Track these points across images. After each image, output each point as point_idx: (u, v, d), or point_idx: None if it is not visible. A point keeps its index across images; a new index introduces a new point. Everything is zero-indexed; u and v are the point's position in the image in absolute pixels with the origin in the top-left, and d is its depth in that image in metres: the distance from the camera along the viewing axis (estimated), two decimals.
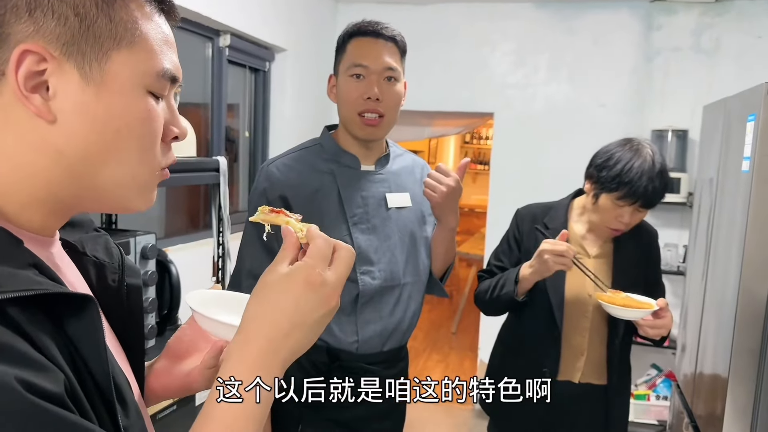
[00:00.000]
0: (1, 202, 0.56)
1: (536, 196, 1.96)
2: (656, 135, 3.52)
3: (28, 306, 0.49)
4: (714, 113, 2.12)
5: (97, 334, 0.54)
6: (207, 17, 2.59)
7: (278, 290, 0.62)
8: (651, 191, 1.58)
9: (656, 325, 1.60)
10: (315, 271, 0.62)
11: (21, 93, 0.53)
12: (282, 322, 0.61)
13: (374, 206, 1.48)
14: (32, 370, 0.46)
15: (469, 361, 4.85)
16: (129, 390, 0.61)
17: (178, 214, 2.98)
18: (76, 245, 0.69)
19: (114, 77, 0.56)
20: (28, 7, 0.52)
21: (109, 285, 0.71)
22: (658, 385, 3.47)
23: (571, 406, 1.74)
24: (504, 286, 1.71)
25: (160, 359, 0.84)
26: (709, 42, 3.50)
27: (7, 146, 0.55)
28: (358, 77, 1.43)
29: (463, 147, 9.65)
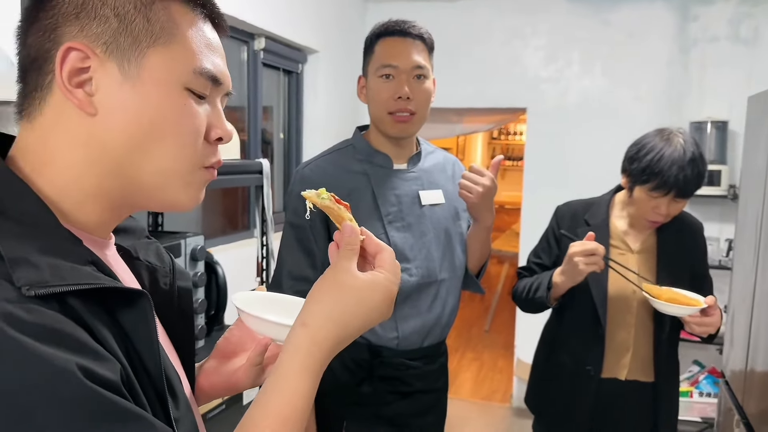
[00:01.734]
0: (59, 200, 0.59)
1: (571, 191, 1.94)
2: (695, 127, 3.45)
3: (88, 299, 0.53)
4: (760, 104, 2.07)
5: (150, 328, 0.57)
6: (242, 21, 2.63)
7: (359, 296, 0.65)
8: (683, 180, 1.54)
9: (704, 323, 1.56)
10: (395, 288, 0.66)
11: (65, 87, 0.57)
12: (351, 326, 0.65)
13: (408, 204, 1.50)
14: (92, 358, 0.49)
15: (503, 360, 4.82)
16: (180, 384, 0.64)
17: (216, 215, 3.02)
18: (129, 250, 0.73)
19: (150, 73, 0.59)
20: (75, 12, 0.57)
21: (161, 288, 0.75)
22: (701, 381, 3.40)
23: (617, 403, 1.72)
24: (537, 290, 1.70)
25: (209, 359, 0.87)
26: (748, 31, 3.42)
27: (59, 143, 0.59)
28: (387, 77, 1.45)
29: (491, 143, 9.59)
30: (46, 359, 0.46)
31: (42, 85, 0.59)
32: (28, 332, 0.47)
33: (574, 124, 3.75)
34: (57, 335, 0.48)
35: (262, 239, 1.96)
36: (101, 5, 0.58)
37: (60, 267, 0.52)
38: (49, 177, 0.59)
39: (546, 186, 3.70)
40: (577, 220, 1.79)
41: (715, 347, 3.27)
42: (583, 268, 1.54)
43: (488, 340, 5.41)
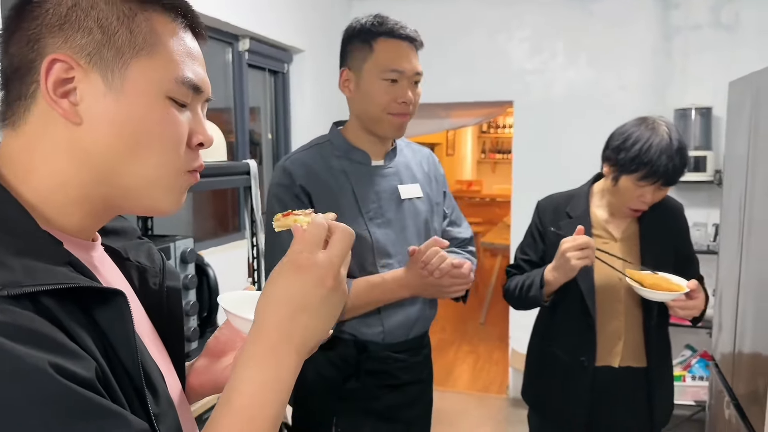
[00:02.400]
0: (42, 206, 0.61)
1: (560, 182, 1.96)
2: (679, 114, 3.48)
3: (63, 299, 0.54)
4: (741, 89, 2.10)
5: (126, 325, 0.58)
6: (226, 23, 2.63)
7: (274, 280, 0.65)
8: (671, 169, 1.57)
9: (687, 306, 1.59)
10: (302, 255, 0.64)
11: (50, 97, 0.58)
12: (282, 309, 0.63)
13: (387, 200, 1.51)
14: (65, 356, 0.50)
15: (499, 352, 4.85)
16: (161, 381, 0.65)
17: (206, 218, 3.03)
18: (119, 251, 0.75)
19: (133, 83, 0.61)
20: (59, 23, 0.59)
21: (151, 288, 0.77)
22: (693, 365, 3.44)
23: (612, 390, 1.74)
24: (530, 289, 1.72)
25: (199, 358, 0.88)
26: (729, 17, 3.45)
27: (45, 151, 0.60)
28: (393, 81, 1.44)
29: (481, 137, 9.62)
30: (20, 357, 0.47)
31: (26, 94, 0.60)
32: (1, 332, 0.48)
33: (560, 116, 3.77)
34: (30, 334, 0.49)
35: (252, 240, 1.98)
36: (85, 17, 0.59)
37: (34, 268, 0.53)
38: (32, 184, 0.60)
39: (535, 178, 3.72)
40: (559, 213, 1.81)
41: (705, 331, 3.31)
42: (576, 263, 1.56)
43: (483, 333, 5.44)
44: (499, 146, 9.40)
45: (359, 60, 1.48)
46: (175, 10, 0.65)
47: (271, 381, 0.62)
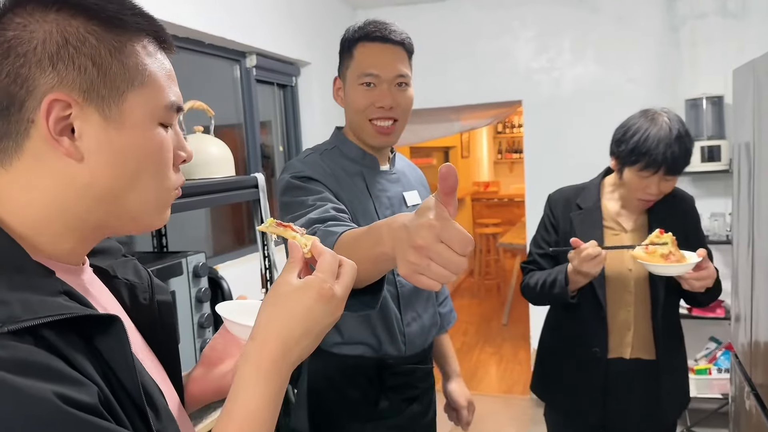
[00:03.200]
0: (34, 235, 0.61)
1: (572, 178, 1.96)
2: (690, 104, 3.45)
3: (61, 329, 0.55)
4: (744, 76, 2.09)
5: (124, 349, 0.59)
6: (232, 41, 2.69)
7: (293, 300, 0.67)
8: (670, 157, 1.58)
9: (701, 277, 1.57)
10: (326, 285, 0.67)
11: (52, 137, 0.59)
12: (295, 329, 0.67)
13: (398, 206, 1.48)
14: (68, 385, 0.52)
15: (523, 352, 4.83)
16: (161, 397, 0.66)
17: (224, 233, 3.09)
18: (107, 270, 0.76)
19: (130, 114, 0.62)
20: (50, 61, 0.58)
21: (141, 303, 0.78)
22: (719, 358, 3.40)
23: (624, 382, 1.75)
24: (554, 286, 1.72)
25: (196, 367, 0.90)
26: (736, 5, 3.42)
27: (40, 184, 0.61)
28: (368, 85, 1.40)
29: (497, 137, 9.60)
30: (24, 390, 0.48)
31: (15, 132, 0.59)
32: (3, 367, 0.49)
33: (570, 112, 3.77)
34: (32, 367, 0.50)
35: (263, 251, 2.02)
36: (77, 54, 0.59)
37: (30, 301, 0.54)
38: (24, 217, 0.61)
39: (547, 175, 3.72)
40: (570, 205, 1.83)
41: (728, 323, 3.27)
42: (595, 270, 1.58)
43: (507, 334, 5.42)
44: (515, 146, 9.37)
45: (344, 68, 1.46)
46: (151, 33, 0.66)
47: (270, 395, 0.66)
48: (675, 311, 1.79)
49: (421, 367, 1.53)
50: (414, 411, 1.53)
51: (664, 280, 1.70)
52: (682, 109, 3.44)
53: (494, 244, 6.85)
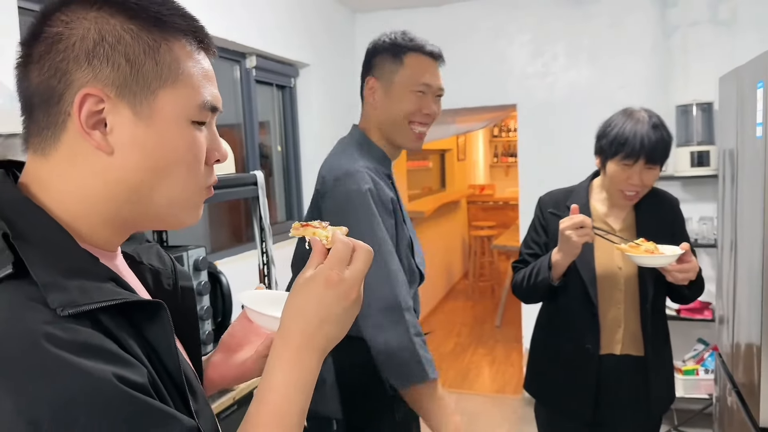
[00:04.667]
0: (75, 224, 0.64)
1: (566, 182, 2.01)
2: (681, 110, 3.52)
3: (113, 313, 0.59)
4: (729, 84, 2.16)
5: (168, 334, 0.63)
6: (232, 42, 2.75)
7: (305, 291, 0.71)
8: (647, 143, 1.66)
9: (684, 269, 1.63)
10: (332, 272, 0.70)
11: (83, 130, 0.61)
12: (311, 319, 0.70)
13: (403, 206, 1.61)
14: (123, 366, 0.55)
15: (515, 353, 4.89)
16: (197, 380, 0.71)
17: (222, 230, 3.14)
18: (133, 255, 0.80)
19: (161, 112, 0.64)
20: (87, 57, 0.61)
21: (165, 289, 0.81)
22: (706, 359, 3.46)
23: (614, 377, 1.80)
24: (539, 274, 1.78)
25: (216, 353, 0.94)
26: (726, 13, 3.49)
27: (78, 177, 0.63)
28: (422, 93, 1.53)
29: (492, 141, 9.68)
30: (86, 371, 0.52)
31: (54, 124, 0.62)
32: (66, 348, 0.52)
33: (563, 117, 3.84)
34: (92, 349, 0.54)
35: (261, 247, 2.08)
36: (112, 51, 0.61)
37: (86, 287, 0.58)
38: (67, 206, 0.64)
39: (541, 178, 3.77)
40: (560, 207, 1.88)
41: (714, 324, 3.33)
42: (576, 239, 1.63)
43: (500, 335, 5.48)
44: (511, 150, 9.44)
45: (389, 72, 1.54)
46: (191, 34, 0.68)
47: (296, 381, 0.69)
48: (662, 309, 1.85)
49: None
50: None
51: (653, 278, 1.76)
52: (672, 114, 3.51)
53: (489, 247, 6.91)
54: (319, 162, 1.64)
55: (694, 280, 1.67)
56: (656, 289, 1.77)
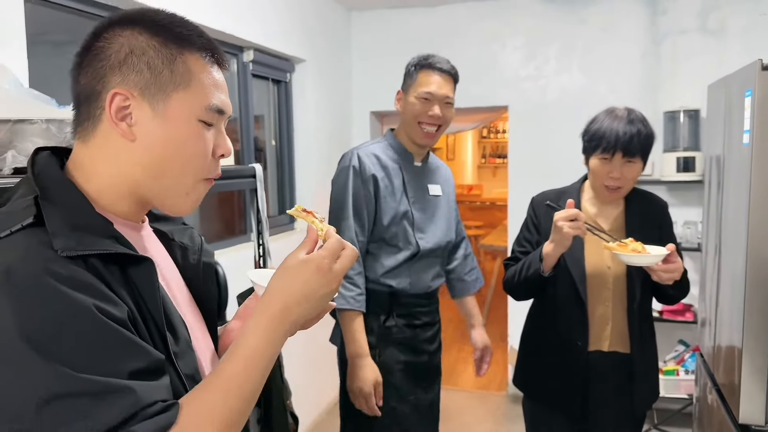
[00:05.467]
0: (101, 198, 0.80)
1: (554, 184, 2.06)
2: (668, 116, 3.60)
3: (106, 261, 0.73)
4: (717, 92, 2.22)
5: (152, 282, 0.77)
6: (231, 35, 2.76)
7: (296, 270, 0.82)
8: (623, 137, 1.73)
9: (669, 269, 1.68)
10: (325, 261, 0.82)
11: (113, 121, 0.78)
12: (295, 294, 0.81)
13: (422, 192, 2.03)
14: (104, 301, 0.69)
15: (499, 351, 4.93)
16: (183, 328, 0.83)
17: (213, 222, 3.15)
18: (167, 233, 0.95)
19: (174, 111, 0.79)
20: (119, 66, 0.77)
21: (191, 263, 0.96)
22: (687, 360, 3.54)
23: (602, 374, 1.86)
24: (530, 266, 1.83)
25: (233, 321, 1.07)
26: (715, 23, 3.57)
27: (106, 160, 0.80)
28: (426, 100, 1.93)
29: (481, 142, 9.75)
30: (72, 299, 0.67)
31: (93, 116, 0.79)
32: (60, 281, 0.67)
33: (554, 120, 3.89)
34: (80, 283, 0.68)
35: (258, 239, 2.10)
36: (138, 61, 0.77)
37: (86, 239, 0.72)
38: (95, 184, 0.80)
39: (530, 180, 3.82)
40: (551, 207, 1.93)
41: (696, 326, 3.41)
42: (568, 231, 1.68)
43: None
44: (499, 151, 9.52)
45: (407, 85, 1.99)
46: (205, 50, 0.82)
47: (265, 346, 0.79)
48: (649, 308, 1.91)
49: (420, 302, 2.04)
50: (417, 335, 2.03)
51: (641, 279, 1.81)
52: (660, 120, 3.58)
53: (476, 246, 6.98)
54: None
55: (678, 280, 1.73)
56: (643, 288, 1.83)
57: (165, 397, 0.71)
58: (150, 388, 0.69)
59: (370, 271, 1.97)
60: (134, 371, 0.69)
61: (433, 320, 2.11)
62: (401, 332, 2.00)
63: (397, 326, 2.00)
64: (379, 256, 1.97)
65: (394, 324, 1.99)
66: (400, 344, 2.00)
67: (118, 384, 0.66)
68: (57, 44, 2.20)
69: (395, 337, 1.99)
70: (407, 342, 2.02)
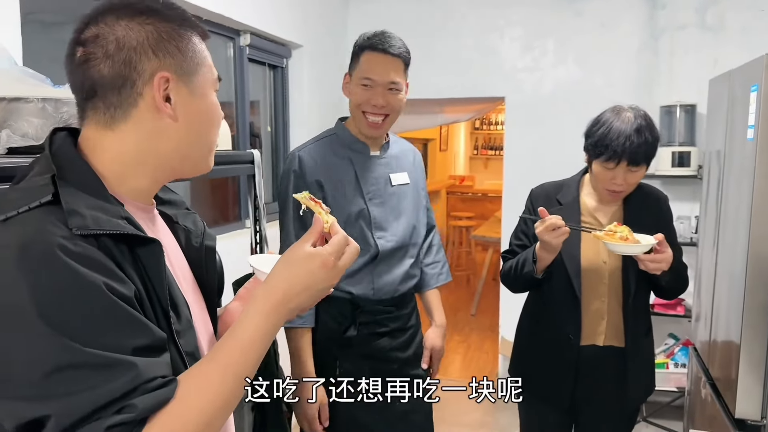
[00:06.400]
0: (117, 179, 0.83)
1: (550, 176, 2.04)
2: (665, 111, 3.60)
3: (117, 241, 0.76)
4: (719, 86, 2.21)
5: (159, 262, 0.80)
6: (228, 18, 2.71)
7: (302, 262, 0.85)
8: (629, 147, 1.68)
9: (656, 260, 1.66)
10: (331, 258, 0.85)
11: (161, 104, 0.81)
12: (296, 285, 0.84)
13: (383, 185, 1.82)
14: (113, 279, 0.72)
15: (489, 341, 4.96)
16: (185, 308, 0.86)
17: (205, 208, 3.11)
18: (172, 217, 0.98)
19: (200, 87, 0.86)
20: (154, 51, 0.81)
21: (193, 245, 0.99)
22: (676, 353, 3.57)
23: (596, 368, 1.85)
24: (524, 266, 1.81)
25: (233, 302, 1.09)
26: (714, 19, 3.57)
27: (136, 140, 0.83)
28: (366, 86, 1.73)
29: (473, 133, 9.73)
30: (82, 275, 0.70)
31: (127, 104, 0.81)
32: (73, 257, 0.70)
33: (550, 112, 3.88)
34: (91, 261, 0.71)
35: (255, 226, 2.07)
36: (169, 45, 0.82)
37: (99, 218, 0.75)
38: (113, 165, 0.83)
39: (525, 172, 3.82)
40: (550, 200, 1.92)
41: (687, 320, 3.44)
42: (555, 241, 1.66)
43: (474, 323, 5.55)
44: (491, 143, 9.51)
45: (352, 69, 1.78)
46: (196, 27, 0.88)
47: (266, 329, 0.82)
48: (645, 303, 1.90)
49: (386, 309, 1.85)
50: (383, 345, 1.85)
51: (636, 273, 1.80)
52: (656, 115, 3.58)
53: (467, 237, 6.98)
54: None
55: (673, 272, 1.71)
56: (639, 283, 1.82)
57: (165, 373, 0.75)
58: (151, 364, 0.73)
59: None
60: (138, 347, 0.72)
61: (404, 325, 1.91)
62: (364, 342, 1.83)
63: (359, 336, 1.82)
64: None
65: (355, 334, 1.82)
66: (363, 355, 1.83)
67: (121, 359, 0.70)
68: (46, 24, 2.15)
69: (357, 349, 1.82)
70: (373, 353, 1.84)
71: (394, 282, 1.85)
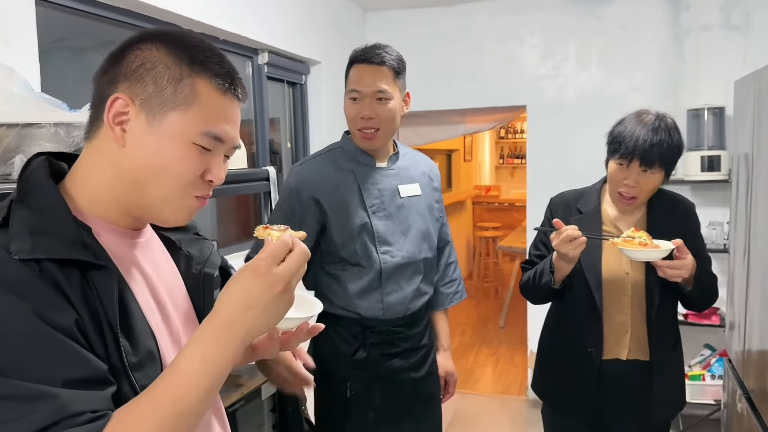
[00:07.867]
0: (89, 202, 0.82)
1: (574, 184, 2.00)
2: (692, 114, 3.51)
3: (64, 266, 0.72)
4: (745, 88, 2.14)
5: (110, 287, 0.76)
6: (246, 37, 2.75)
7: (236, 281, 0.77)
8: (642, 144, 1.63)
9: (674, 266, 1.60)
10: (261, 264, 0.76)
11: (109, 124, 0.80)
12: (236, 304, 0.75)
13: (389, 197, 1.76)
14: (48, 307, 0.69)
15: (519, 354, 4.88)
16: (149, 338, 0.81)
17: (230, 225, 3.14)
18: (174, 241, 0.96)
19: (168, 128, 0.80)
20: (129, 74, 0.80)
21: (192, 272, 0.96)
22: (713, 364, 3.45)
23: (620, 382, 1.79)
24: (542, 276, 1.77)
25: None
26: (739, 18, 3.47)
27: (99, 163, 0.82)
28: (354, 100, 1.70)
29: (499, 142, 9.67)
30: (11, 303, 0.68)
31: (99, 119, 0.81)
32: (4, 284, 0.68)
33: (573, 119, 3.82)
34: (25, 288, 0.69)
35: None
36: (145, 74, 0.79)
37: (42, 243, 0.72)
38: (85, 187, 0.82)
39: (549, 180, 3.76)
40: (570, 209, 1.87)
41: (722, 329, 3.32)
42: (573, 253, 1.62)
43: (504, 336, 5.47)
44: (517, 151, 9.43)
45: (345, 85, 1.75)
46: (221, 78, 0.82)
47: (211, 359, 0.74)
48: (671, 315, 1.83)
49: (396, 330, 1.79)
50: (395, 365, 1.79)
51: (660, 284, 1.73)
52: (683, 118, 3.49)
53: (494, 248, 6.90)
54: None
55: (688, 278, 1.64)
56: (663, 295, 1.75)
57: (98, 408, 0.70)
58: (81, 397, 0.68)
59: (335, 297, 1.76)
60: (70, 380, 0.68)
61: (417, 344, 1.85)
62: (375, 363, 1.78)
63: (370, 357, 1.77)
64: (342, 278, 1.75)
65: (365, 356, 1.77)
66: (374, 376, 1.78)
67: (45, 390, 0.67)
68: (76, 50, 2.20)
69: (368, 370, 1.77)
70: (385, 374, 1.79)
71: (405, 300, 1.78)
